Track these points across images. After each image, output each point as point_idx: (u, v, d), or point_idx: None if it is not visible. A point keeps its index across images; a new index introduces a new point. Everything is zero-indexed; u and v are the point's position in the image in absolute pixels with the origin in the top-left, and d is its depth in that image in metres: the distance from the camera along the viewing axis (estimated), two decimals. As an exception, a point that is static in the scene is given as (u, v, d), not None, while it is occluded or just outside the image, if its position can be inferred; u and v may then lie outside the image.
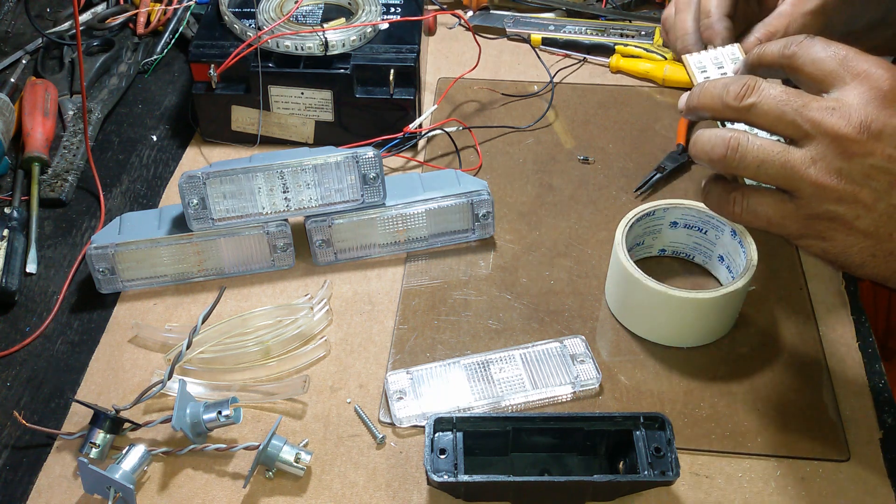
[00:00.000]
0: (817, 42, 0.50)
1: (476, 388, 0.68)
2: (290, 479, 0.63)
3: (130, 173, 0.91)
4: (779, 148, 0.49)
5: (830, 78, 0.49)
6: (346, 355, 0.72)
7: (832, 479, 0.63)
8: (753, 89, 0.50)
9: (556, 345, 0.71)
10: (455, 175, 0.81)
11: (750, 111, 0.50)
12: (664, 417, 0.61)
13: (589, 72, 1.03)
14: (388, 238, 0.79)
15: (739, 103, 0.50)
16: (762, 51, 0.53)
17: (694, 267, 0.79)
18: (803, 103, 0.48)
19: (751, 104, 0.49)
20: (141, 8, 1.09)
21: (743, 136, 0.50)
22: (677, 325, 0.71)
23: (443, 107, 0.97)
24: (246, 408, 0.68)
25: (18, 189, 0.87)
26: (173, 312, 0.76)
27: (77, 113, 0.95)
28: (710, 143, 0.52)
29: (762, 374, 0.70)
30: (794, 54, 0.50)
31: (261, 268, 0.79)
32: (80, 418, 0.67)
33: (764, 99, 0.49)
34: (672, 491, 0.62)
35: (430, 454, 0.59)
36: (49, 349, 0.73)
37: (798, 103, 0.48)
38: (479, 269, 0.79)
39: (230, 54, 0.85)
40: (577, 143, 0.93)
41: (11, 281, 0.77)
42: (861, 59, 0.48)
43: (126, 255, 0.75)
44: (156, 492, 0.63)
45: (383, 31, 0.90)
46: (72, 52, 1.04)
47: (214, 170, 0.73)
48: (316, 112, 0.89)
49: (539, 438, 0.63)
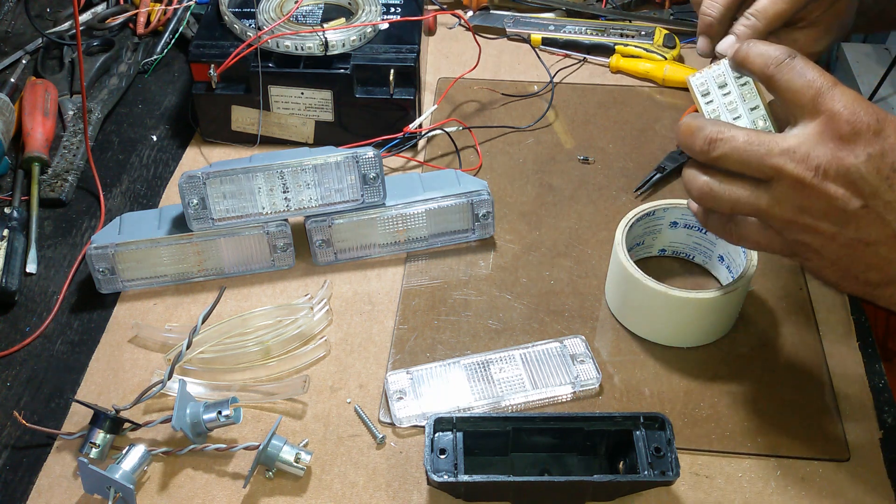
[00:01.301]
0: (797, 67, 0.53)
1: (476, 388, 0.68)
2: (290, 479, 0.63)
3: (130, 173, 0.91)
4: (747, 192, 0.55)
5: (800, 110, 0.53)
6: (346, 355, 0.72)
7: (832, 479, 0.63)
8: (718, 142, 0.55)
9: (556, 345, 0.71)
10: (455, 175, 0.81)
11: (718, 160, 0.55)
12: (664, 417, 0.61)
13: (589, 72, 1.03)
14: (388, 238, 0.79)
15: (708, 156, 0.55)
16: (746, 57, 0.56)
17: (694, 267, 0.79)
18: (766, 151, 0.53)
19: (717, 156, 0.55)
20: (141, 8, 1.09)
21: (715, 184, 0.56)
22: (677, 325, 0.71)
23: (443, 107, 0.97)
24: (246, 408, 0.68)
25: (18, 189, 0.87)
26: (173, 312, 0.76)
27: (77, 113, 0.95)
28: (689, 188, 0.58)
29: (762, 374, 0.70)
30: (773, 77, 0.54)
31: (261, 268, 0.79)
32: (80, 418, 0.67)
33: (730, 151, 0.54)
34: (672, 491, 0.62)
35: (430, 454, 0.59)
36: (49, 349, 0.73)
37: (761, 151, 0.53)
38: (479, 269, 0.79)
39: (230, 54, 0.85)
40: (577, 143, 0.93)
41: (11, 281, 0.77)
42: (833, 96, 0.51)
43: (126, 255, 0.75)
44: (156, 492, 0.63)
45: (383, 31, 0.90)
46: (72, 52, 1.04)
47: (214, 170, 0.73)
48: (316, 112, 0.89)
49: (539, 438, 0.63)
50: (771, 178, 0.53)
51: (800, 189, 0.52)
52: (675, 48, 1.03)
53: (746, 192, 0.55)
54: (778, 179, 0.53)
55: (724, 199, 0.56)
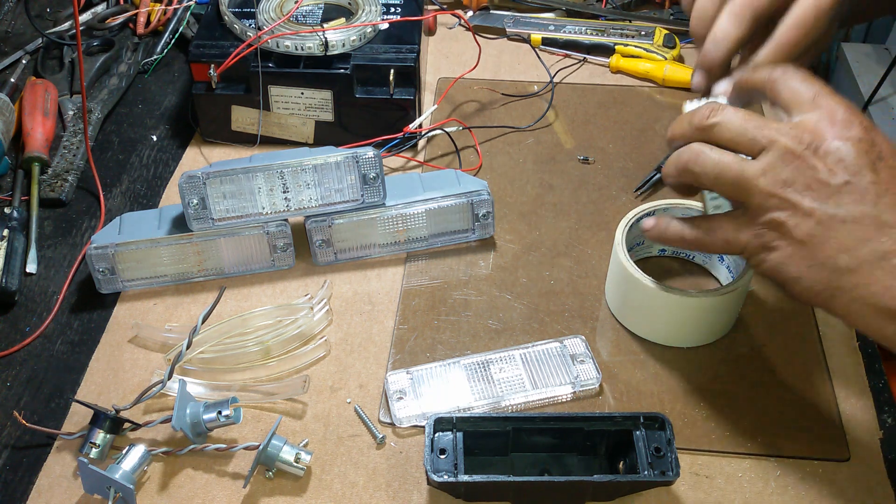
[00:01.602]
0: (799, 73, 0.57)
1: (476, 388, 0.68)
2: (290, 479, 0.63)
3: (130, 173, 0.91)
4: (736, 159, 0.56)
5: (799, 105, 0.55)
6: (346, 355, 0.72)
7: (832, 479, 0.63)
8: (717, 111, 0.57)
9: (556, 345, 0.71)
10: (455, 175, 0.81)
11: (714, 128, 0.57)
12: (664, 417, 0.61)
13: (589, 72, 1.04)
14: (388, 238, 0.79)
15: (705, 122, 0.57)
16: (749, 78, 0.59)
17: (694, 267, 0.79)
18: (762, 123, 0.56)
19: (715, 122, 0.57)
20: (141, 8, 1.09)
21: (705, 146, 0.57)
22: (677, 325, 0.71)
23: (443, 107, 0.97)
24: (246, 408, 0.68)
25: (18, 189, 0.87)
26: (173, 312, 0.76)
27: (77, 113, 0.95)
28: (677, 154, 0.60)
29: (762, 374, 0.70)
30: (777, 80, 0.57)
31: (261, 268, 0.79)
32: (80, 418, 0.67)
33: (726, 118, 0.57)
34: (672, 491, 0.62)
35: (430, 454, 0.59)
36: (49, 349, 0.73)
37: (757, 122, 0.56)
38: (479, 269, 0.79)
39: (230, 54, 0.85)
40: (577, 143, 0.93)
41: (11, 281, 0.77)
42: (831, 96, 0.55)
43: (126, 255, 0.75)
44: (156, 492, 0.63)
45: (383, 31, 0.90)
46: (72, 52, 1.04)
47: (214, 170, 0.73)
48: (316, 112, 0.89)
49: (539, 438, 0.63)
50: (762, 148, 0.55)
51: (789, 159, 0.54)
52: (675, 48, 1.03)
53: (735, 158, 0.56)
54: (769, 150, 0.55)
55: (712, 162, 0.57)
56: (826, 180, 0.53)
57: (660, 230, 0.64)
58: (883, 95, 1.59)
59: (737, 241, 0.57)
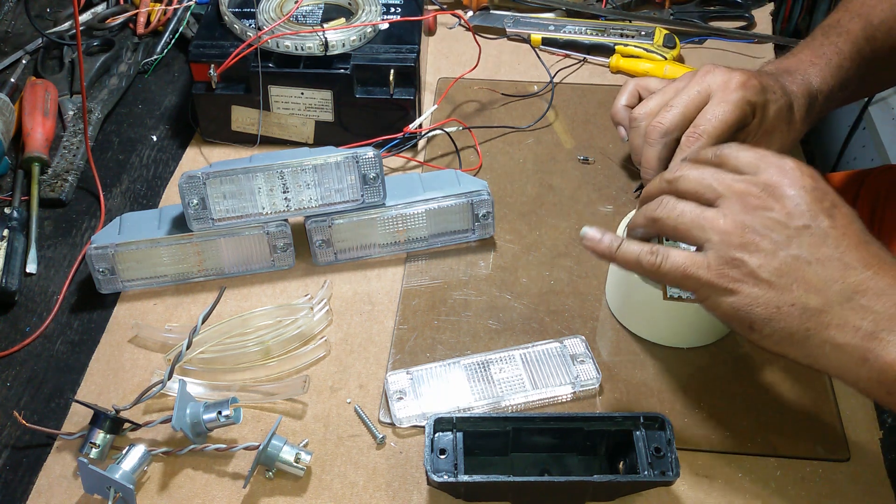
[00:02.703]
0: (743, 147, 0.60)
1: (476, 388, 0.68)
2: (290, 479, 0.63)
3: (130, 173, 0.91)
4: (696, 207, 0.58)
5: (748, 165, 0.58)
6: (346, 355, 0.72)
7: (832, 479, 0.63)
8: (680, 168, 0.61)
9: (556, 345, 0.71)
10: (455, 175, 0.81)
11: (678, 180, 0.60)
12: (664, 418, 0.61)
13: (589, 72, 1.03)
14: (388, 238, 0.79)
15: (670, 176, 0.61)
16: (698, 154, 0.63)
17: (694, 267, 0.78)
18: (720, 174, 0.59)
19: (678, 175, 0.60)
20: (141, 8, 1.09)
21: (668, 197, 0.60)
22: (677, 325, 0.71)
23: (443, 107, 0.97)
24: (246, 408, 0.68)
25: (18, 189, 0.87)
26: (173, 312, 0.76)
27: (77, 113, 0.95)
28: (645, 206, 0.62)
29: (762, 374, 0.70)
30: (724, 154, 0.60)
31: (261, 268, 0.79)
32: (80, 418, 0.67)
33: (686, 172, 0.60)
34: (672, 491, 0.62)
35: (430, 454, 0.59)
36: (49, 349, 0.73)
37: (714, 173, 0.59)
38: (479, 269, 0.79)
39: (230, 54, 0.85)
40: (577, 143, 0.93)
41: (11, 281, 0.77)
42: (777, 155, 0.58)
43: (126, 255, 0.75)
44: (156, 492, 0.63)
45: (383, 31, 0.90)
46: (72, 52, 1.04)
47: (214, 170, 0.73)
48: (316, 112, 0.89)
49: (539, 438, 0.63)
50: (719, 195, 0.57)
51: (747, 203, 0.56)
52: (675, 48, 1.03)
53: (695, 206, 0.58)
54: (726, 196, 0.57)
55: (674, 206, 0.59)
56: (785, 222, 0.55)
57: (607, 247, 0.61)
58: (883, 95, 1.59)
59: (696, 275, 0.56)
